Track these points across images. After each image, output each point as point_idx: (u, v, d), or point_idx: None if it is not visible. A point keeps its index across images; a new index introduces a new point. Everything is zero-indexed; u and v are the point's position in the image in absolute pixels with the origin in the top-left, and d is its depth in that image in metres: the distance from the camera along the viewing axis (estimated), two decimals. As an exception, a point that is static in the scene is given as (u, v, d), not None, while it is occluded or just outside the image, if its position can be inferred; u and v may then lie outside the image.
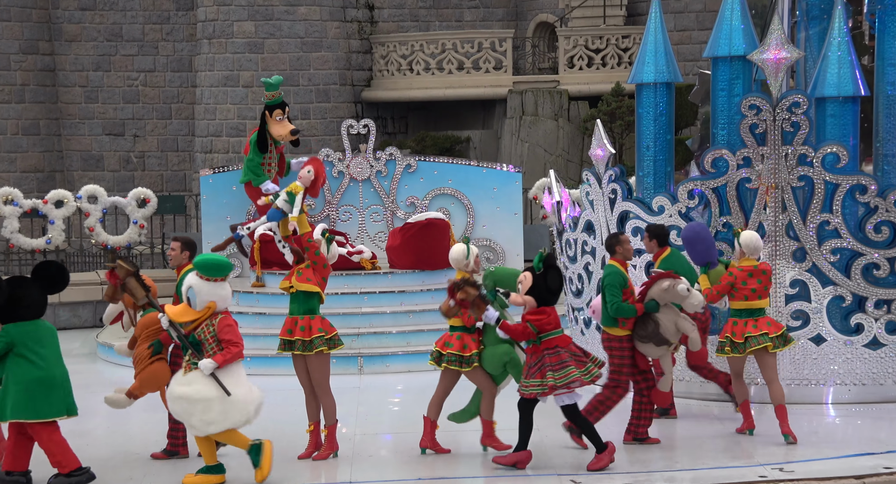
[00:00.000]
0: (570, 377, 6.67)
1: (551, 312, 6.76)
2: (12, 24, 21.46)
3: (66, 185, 20.61)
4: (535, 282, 6.75)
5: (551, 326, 6.72)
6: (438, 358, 7.25)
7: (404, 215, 11.60)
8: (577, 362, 6.74)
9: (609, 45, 20.67)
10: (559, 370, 6.69)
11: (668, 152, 9.33)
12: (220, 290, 6.58)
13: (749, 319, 7.49)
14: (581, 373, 6.71)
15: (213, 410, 6.47)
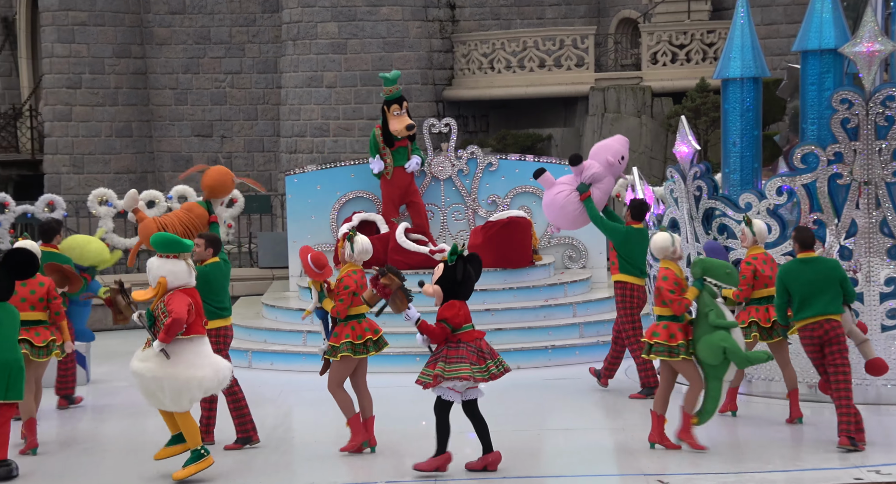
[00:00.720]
0: (460, 373, 6.59)
1: (461, 307, 6.68)
2: (106, 28, 22.12)
3: (157, 185, 21.16)
4: (446, 273, 6.69)
5: (460, 320, 6.66)
6: (649, 349, 7.10)
7: (486, 214, 11.61)
8: (478, 359, 6.64)
9: (694, 40, 20.35)
10: (452, 364, 6.62)
11: (756, 148, 9.16)
12: (171, 266, 6.64)
13: (770, 306, 7.62)
14: (474, 371, 6.62)
15: (164, 390, 6.56)
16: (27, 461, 7.19)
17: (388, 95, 10.95)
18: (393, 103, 10.92)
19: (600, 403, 8.55)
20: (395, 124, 10.88)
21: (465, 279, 6.69)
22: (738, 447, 7.29)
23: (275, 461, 7.17)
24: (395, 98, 10.89)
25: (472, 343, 6.67)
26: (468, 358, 6.62)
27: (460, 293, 6.71)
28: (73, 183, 21.96)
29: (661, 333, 7.04)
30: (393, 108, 10.90)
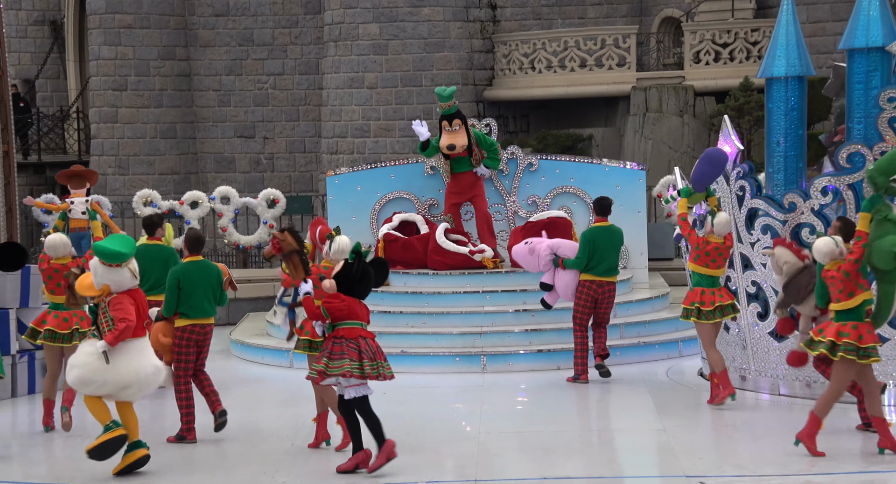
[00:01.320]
0: (342, 369, 6.67)
1: (347, 301, 6.75)
2: (151, 31, 22.40)
3: (200, 186, 21.36)
4: (343, 269, 6.78)
5: (343, 313, 6.73)
6: (832, 348, 6.86)
7: (526, 214, 11.59)
8: (363, 356, 6.71)
9: (737, 38, 20.15)
10: (335, 360, 6.70)
11: (800, 148, 9.05)
12: (114, 275, 6.83)
13: (715, 289, 8.24)
14: (353, 367, 6.68)
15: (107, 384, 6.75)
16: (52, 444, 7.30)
17: (442, 111, 11.02)
18: (443, 119, 11.01)
19: (641, 404, 8.50)
20: (442, 140, 10.98)
21: (362, 279, 6.80)
22: (782, 449, 7.21)
23: (316, 460, 7.21)
24: (446, 114, 10.95)
25: (354, 340, 6.76)
26: (348, 354, 6.72)
27: (355, 291, 6.82)
28: (118, 184, 22.26)
29: (851, 333, 6.83)
30: (444, 124, 11.01)
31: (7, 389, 9.13)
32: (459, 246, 10.87)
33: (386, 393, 8.99)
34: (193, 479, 6.87)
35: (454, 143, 10.84)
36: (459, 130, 10.90)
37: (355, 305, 6.81)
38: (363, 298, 6.86)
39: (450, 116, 10.93)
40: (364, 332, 6.83)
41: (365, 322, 6.86)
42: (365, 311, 6.88)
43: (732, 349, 8.83)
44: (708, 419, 8.07)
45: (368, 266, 6.84)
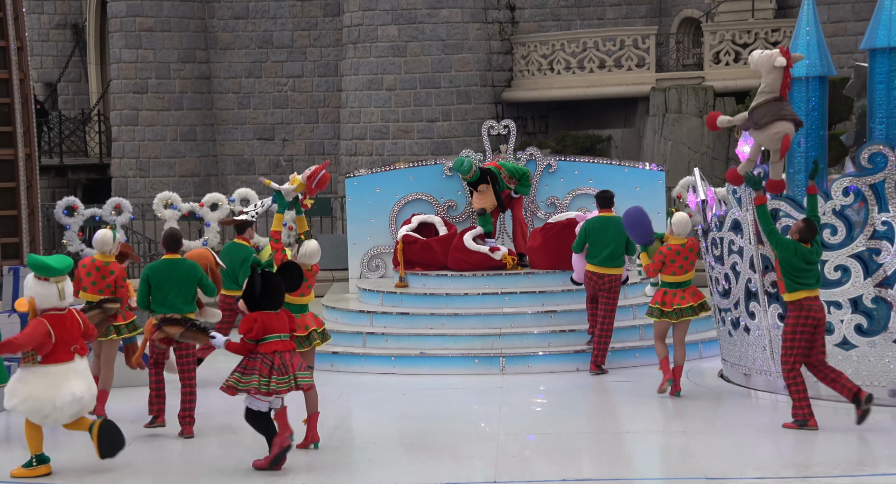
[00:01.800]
0: (249, 385, 6.86)
1: (259, 319, 6.91)
2: (172, 34, 22.53)
3: (220, 188, 21.48)
4: (246, 288, 6.98)
5: (256, 332, 6.90)
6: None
7: (545, 215, 11.58)
8: (273, 373, 6.86)
9: (758, 39, 20.05)
10: (245, 375, 6.88)
11: (821, 148, 9.00)
12: (40, 288, 6.88)
13: (678, 291, 8.75)
14: (261, 383, 6.82)
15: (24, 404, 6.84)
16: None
17: (466, 180, 11.17)
18: (469, 184, 11.21)
19: (661, 406, 8.47)
20: (475, 202, 11.17)
21: (265, 292, 6.94)
22: (803, 452, 7.17)
23: (335, 462, 7.23)
24: (475, 181, 11.08)
25: (269, 355, 6.91)
26: (259, 369, 6.88)
27: (263, 305, 6.96)
28: (139, 186, 22.40)
29: None
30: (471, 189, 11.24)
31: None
32: (480, 245, 10.92)
33: (405, 394, 9.01)
34: (210, 480, 6.89)
35: (484, 206, 11.10)
36: (487, 192, 11.09)
37: (269, 319, 6.95)
38: (276, 308, 7.01)
39: (475, 183, 11.08)
40: (281, 345, 6.99)
41: (285, 332, 7.01)
42: (283, 321, 7.01)
43: (753, 351, 8.78)
44: (728, 421, 8.03)
45: (273, 276, 7.00)
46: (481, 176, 11.04)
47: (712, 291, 9.17)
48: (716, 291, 9.10)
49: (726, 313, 9.00)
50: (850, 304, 8.29)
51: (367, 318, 10.55)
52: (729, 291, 8.93)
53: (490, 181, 11.06)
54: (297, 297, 7.68)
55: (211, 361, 10.93)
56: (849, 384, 7.65)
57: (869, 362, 8.28)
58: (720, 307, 9.08)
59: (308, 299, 7.92)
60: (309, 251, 7.79)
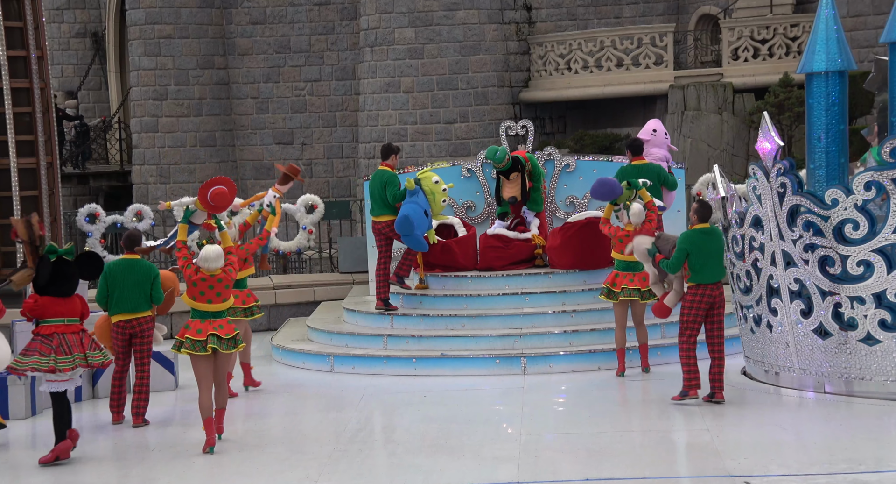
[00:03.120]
0: (28, 365, 7.34)
1: (40, 302, 7.40)
2: (190, 41, 22.66)
3: (240, 193, 21.43)
4: (37, 272, 7.41)
5: (37, 313, 7.41)
6: None
7: (563, 215, 11.56)
8: (53, 352, 7.26)
9: (776, 34, 19.93)
10: (25, 356, 7.38)
11: (842, 143, 8.93)
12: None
13: (628, 274, 9.24)
14: (41, 363, 7.27)
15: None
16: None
17: (498, 168, 11.17)
18: (500, 174, 11.22)
19: (684, 404, 8.43)
20: (505, 191, 11.17)
21: (51, 280, 7.38)
22: (828, 448, 7.11)
23: (358, 464, 7.24)
24: (507, 169, 11.11)
25: (48, 336, 7.36)
26: (39, 350, 7.34)
27: (49, 291, 7.44)
28: (159, 193, 22.52)
29: None
30: (502, 176, 11.23)
31: (47, 401, 9.25)
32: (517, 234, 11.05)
33: (427, 396, 9.02)
34: (236, 483, 6.92)
35: (515, 195, 11.14)
36: (518, 180, 11.13)
37: (52, 304, 7.41)
38: (64, 295, 7.43)
39: (507, 171, 11.10)
40: (64, 327, 7.41)
41: (68, 317, 7.43)
42: (71, 307, 7.46)
43: (776, 347, 8.73)
44: (752, 418, 7.99)
45: (65, 266, 7.40)
46: (513, 165, 11.07)
47: (734, 288, 9.13)
48: (737, 288, 9.05)
49: (748, 310, 8.95)
50: (873, 299, 8.23)
51: (388, 320, 10.56)
52: (750, 288, 8.88)
53: (520, 170, 11.10)
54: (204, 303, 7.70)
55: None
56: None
57: (893, 357, 8.21)
58: (742, 304, 9.03)
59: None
60: (207, 256, 7.68)
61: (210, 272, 7.66)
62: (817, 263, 8.34)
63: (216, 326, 7.64)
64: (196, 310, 7.66)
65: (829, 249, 8.31)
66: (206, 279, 7.64)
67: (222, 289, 7.70)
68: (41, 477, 7.27)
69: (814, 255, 8.34)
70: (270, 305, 13.01)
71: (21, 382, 8.74)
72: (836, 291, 8.32)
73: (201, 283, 7.64)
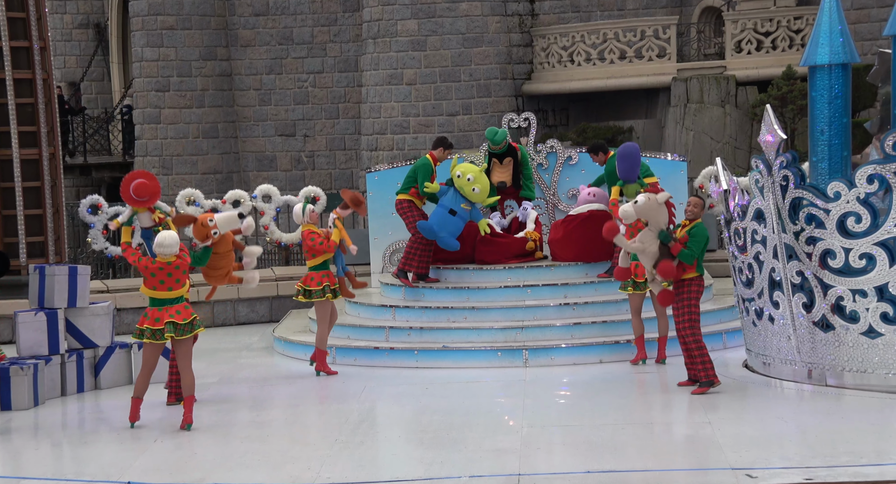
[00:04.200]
0: None
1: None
2: (193, 32, 22.64)
3: (242, 185, 21.57)
4: None
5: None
6: None
7: (565, 207, 11.55)
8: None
9: (780, 27, 19.89)
10: None
11: (845, 136, 8.92)
12: None
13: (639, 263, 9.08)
14: None
15: None
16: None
17: (494, 151, 11.20)
18: (494, 157, 11.22)
19: (685, 398, 8.44)
20: (494, 176, 11.17)
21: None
22: (829, 441, 7.12)
23: (359, 456, 7.25)
24: (500, 154, 11.14)
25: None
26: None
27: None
28: (162, 184, 22.40)
29: None
30: (493, 160, 11.23)
31: (56, 388, 9.30)
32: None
33: (428, 388, 9.03)
34: (236, 475, 6.94)
35: (504, 180, 11.15)
36: (509, 166, 11.14)
37: None
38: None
39: (501, 155, 11.11)
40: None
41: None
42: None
43: (778, 340, 8.74)
44: (754, 411, 7.99)
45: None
46: (509, 150, 11.10)
47: (735, 281, 9.13)
48: (739, 281, 9.05)
49: (750, 303, 8.95)
50: (875, 292, 8.23)
51: (390, 312, 10.57)
52: (752, 281, 8.88)
53: (514, 157, 11.14)
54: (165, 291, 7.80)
55: (235, 356, 11.00)
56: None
57: (894, 350, 8.21)
58: (744, 297, 9.03)
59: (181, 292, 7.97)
60: (160, 241, 7.84)
61: (166, 259, 7.79)
62: (819, 255, 8.33)
63: (173, 313, 7.81)
64: (154, 298, 7.81)
65: (832, 242, 8.31)
66: (164, 267, 7.77)
67: (180, 275, 7.85)
68: (42, 467, 7.29)
69: (816, 248, 8.34)
70: (272, 296, 13.03)
71: (24, 373, 8.77)
72: (837, 283, 8.31)
73: (159, 272, 7.78)
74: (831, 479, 6.35)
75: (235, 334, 12.23)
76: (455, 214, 10.55)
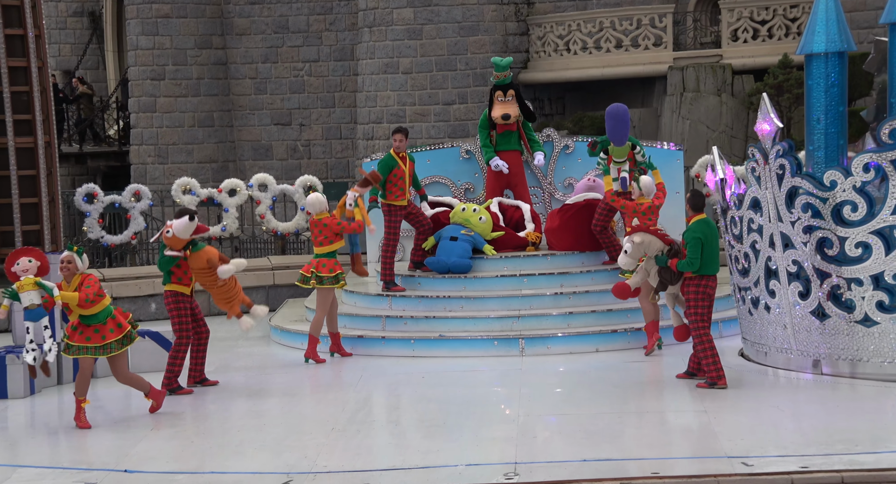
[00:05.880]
0: None
1: None
2: (188, 20, 22.56)
3: (238, 174, 21.54)
4: None
5: None
6: None
7: (562, 197, 11.54)
8: None
9: (776, 15, 19.86)
10: None
11: (841, 125, 8.92)
12: None
13: None
14: None
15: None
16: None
17: (496, 80, 11.08)
18: (497, 89, 11.06)
19: (681, 386, 8.46)
20: (495, 110, 11.07)
21: None
22: (824, 429, 7.14)
23: (356, 445, 7.26)
24: (500, 84, 11.04)
25: None
26: None
27: None
28: (157, 173, 22.49)
29: None
30: (497, 94, 11.07)
31: (52, 377, 9.30)
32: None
33: (425, 377, 9.04)
34: (233, 463, 6.95)
35: (508, 112, 10.95)
36: (512, 101, 10.98)
37: None
38: None
39: (504, 87, 11.00)
40: None
41: None
42: None
43: (774, 329, 8.75)
44: (749, 400, 8.01)
45: None
46: (512, 82, 11.05)
47: (731, 270, 9.13)
48: (735, 270, 9.05)
49: (746, 292, 8.96)
50: (871, 280, 8.24)
51: (386, 301, 10.58)
52: (748, 270, 8.89)
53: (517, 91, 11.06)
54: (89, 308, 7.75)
55: (232, 345, 11.00)
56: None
57: (890, 339, 8.23)
58: (739, 286, 9.04)
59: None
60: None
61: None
62: (815, 244, 8.34)
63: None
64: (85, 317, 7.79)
65: (828, 230, 8.32)
66: None
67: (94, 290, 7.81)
68: (39, 455, 7.30)
69: (812, 236, 8.34)
70: (269, 285, 13.02)
71: (20, 362, 8.77)
72: (833, 272, 8.33)
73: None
74: (827, 467, 6.37)
75: (232, 323, 12.20)
76: (457, 240, 10.57)
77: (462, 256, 10.51)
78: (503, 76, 11.00)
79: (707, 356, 8.32)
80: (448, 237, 10.61)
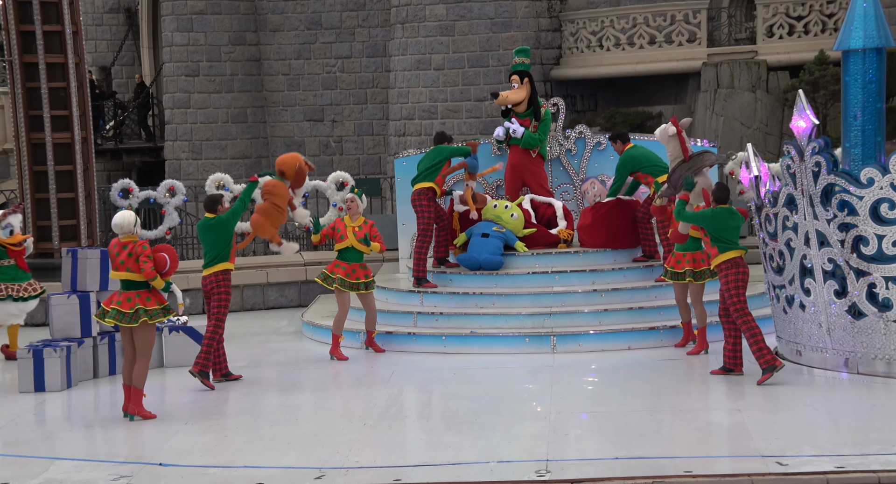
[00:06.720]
0: None
1: None
2: (222, 17, 22.70)
3: (270, 170, 21.62)
4: None
5: None
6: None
7: (595, 194, 11.49)
8: None
9: (812, 11, 19.64)
10: None
11: (878, 122, 8.82)
12: None
13: (688, 253, 9.18)
14: None
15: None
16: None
17: (522, 65, 11.20)
18: (512, 74, 11.22)
19: (715, 385, 8.41)
20: (505, 94, 11.15)
21: None
22: (860, 429, 7.07)
23: (388, 440, 7.29)
24: (513, 69, 11.17)
25: None
26: None
27: None
28: (192, 168, 22.67)
29: None
30: (512, 78, 11.21)
31: (89, 371, 9.41)
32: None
33: (456, 373, 9.05)
34: (266, 458, 7.00)
35: (501, 93, 11.06)
36: (519, 88, 11.00)
37: None
38: None
39: (517, 72, 11.11)
40: None
41: None
42: None
43: (809, 327, 8.67)
44: (784, 399, 7.95)
45: None
46: (525, 73, 11.07)
47: (766, 268, 9.06)
48: (770, 268, 8.98)
49: (780, 290, 8.88)
50: (908, 280, 8.14)
51: (418, 297, 10.60)
52: (783, 268, 8.81)
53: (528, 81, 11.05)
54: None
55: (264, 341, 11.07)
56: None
57: (928, 340, 8.13)
58: (774, 284, 8.97)
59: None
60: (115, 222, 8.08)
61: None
62: (852, 242, 8.25)
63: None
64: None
65: (864, 228, 8.23)
66: None
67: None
68: (75, 448, 7.39)
69: (848, 234, 8.25)
70: (301, 281, 13.09)
71: (57, 355, 8.88)
72: (870, 271, 8.24)
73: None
74: (863, 467, 6.31)
75: (265, 318, 12.31)
76: (488, 237, 10.58)
77: (493, 253, 10.51)
78: (516, 62, 11.06)
79: (757, 342, 8.28)
80: (479, 234, 10.61)
